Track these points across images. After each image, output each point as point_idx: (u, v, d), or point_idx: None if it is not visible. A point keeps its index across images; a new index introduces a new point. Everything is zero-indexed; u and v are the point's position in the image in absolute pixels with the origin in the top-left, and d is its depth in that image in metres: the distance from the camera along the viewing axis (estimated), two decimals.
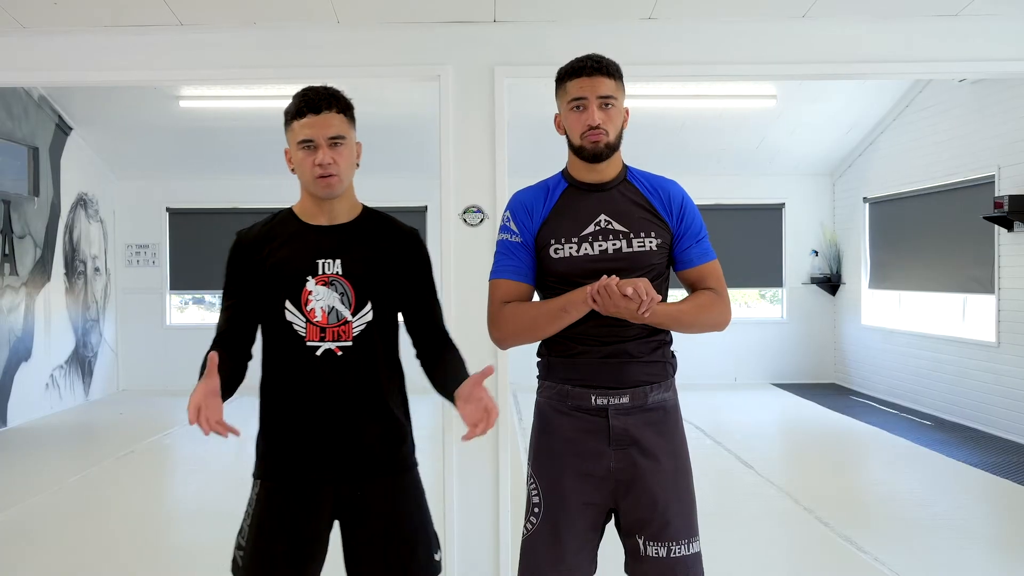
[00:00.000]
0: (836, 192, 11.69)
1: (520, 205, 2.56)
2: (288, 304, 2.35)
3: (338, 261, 2.38)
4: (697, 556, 2.44)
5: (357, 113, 2.57)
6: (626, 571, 2.50)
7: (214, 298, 12.45)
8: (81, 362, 10.44)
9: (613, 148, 2.48)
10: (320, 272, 2.36)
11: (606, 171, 2.51)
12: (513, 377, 4.36)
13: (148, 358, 11.23)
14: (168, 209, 11.51)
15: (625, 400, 2.41)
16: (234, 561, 2.37)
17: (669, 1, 3.94)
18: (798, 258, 11.78)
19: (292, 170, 2.42)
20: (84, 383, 10.48)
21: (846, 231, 11.40)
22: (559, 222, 2.50)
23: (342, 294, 2.38)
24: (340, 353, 2.35)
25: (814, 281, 11.67)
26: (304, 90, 2.40)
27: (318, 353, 2.33)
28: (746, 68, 4.18)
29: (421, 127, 9.62)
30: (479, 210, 4.07)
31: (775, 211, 11.81)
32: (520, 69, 4.12)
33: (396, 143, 10.25)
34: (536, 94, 9.02)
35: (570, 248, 2.45)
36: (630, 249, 2.44)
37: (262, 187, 11.21)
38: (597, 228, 2.46)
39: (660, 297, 2.33)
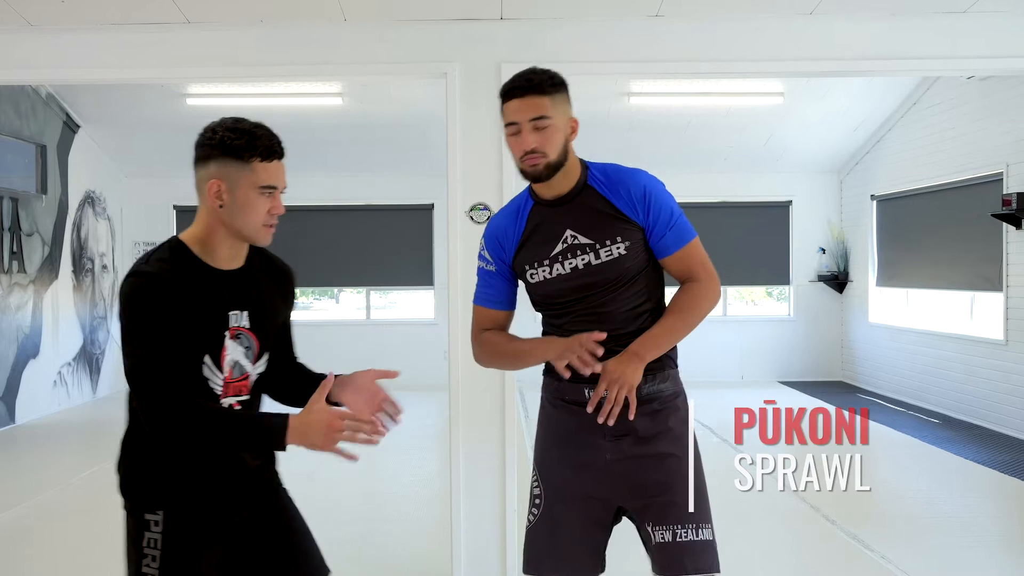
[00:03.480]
0: (843, 190, 11.66)
1: (492, 236, 2.54)
2: (207, 359, 2.17)
3: (245, 313, 2.25)
4: (708, 544, 2.39)
5: (364, 112, 2.53)
6: (653, 571, 2.45)
7: None
8: (89, 359, 10.46)
9: (555, 167, 2.39)
10: (232, 324, 2.22)
11: (561, 185, 2.44)
12: (520, 375, 4.37)
13: None
14: (176, 207, 11.49)
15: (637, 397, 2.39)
16: None
17: None
18: (805, 256, 11.75)
19: (221, 206, 2.20)
20: (92, 380, 10.51)
21: (853, 229, 11.37)
22: (530, 248, 2.48)
23: (247, 348, 2.26)
24: (239, 408, 2.25)
25: (821, 279, 11.64)
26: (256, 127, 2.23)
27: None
28: (753, 65, 4.17)
29: (427, 125, 9.63)
30: (486, 207, 4.07)
31: (782, 209, 11.78)
32: (527, 66, 4.10)
33: (402, 141, 10.25)
34: None
35: (543, 271, 2.44)
36: (599, 261, 2.40)
37: None
38: (565, 246, 2.43)
39: (629, 366, 2.30)
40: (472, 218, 4.09)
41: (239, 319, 2.22)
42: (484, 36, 4.09)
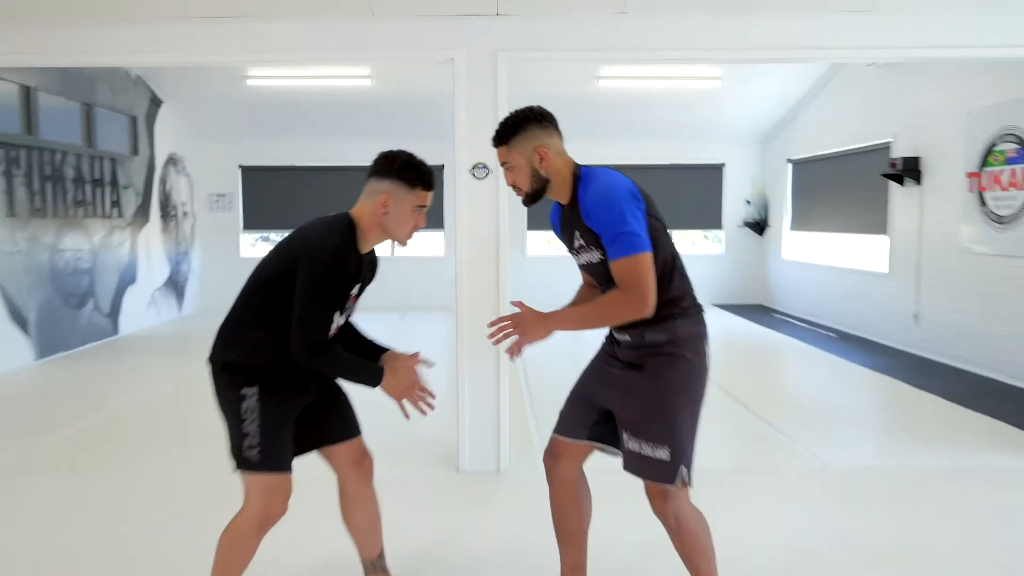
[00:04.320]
0: (765, 154, 11.59)
1: (551, 220, 2.57)
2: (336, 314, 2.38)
3: (359, 286, 2.43)
4: (663, 464, 2.25)
5: (388, 91, 2.58)
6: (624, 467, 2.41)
7: (278, 236, 12.38)
8: (175, 285, 10.46)
9: (533, 194, 2.37)
10: (352, 293, 2.40)
11: (561, 196, 2.39)
12: (513, 297, 4.37)
13: (226, 282, 11.09)
14: (240, 166, 11.41)
15: (627, 338, 2.35)
16: (246, 460, 2.31)
17: None
18: (734, 206, 11.71)
19: (385, 213, 2.35)
20: (178, 301, 10.53)
21: (773, 185, 11.33)
22: (564, 237, 2.48)
23: (348, 309, 2.45)
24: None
25: (747, 225, 11.63)
26: (424, 164, 2.42)
27: None
28: (697, 53, 4.11)
29: (438, 100, 9.50)
30: (484, 166, 4.03)
31: (716, 170, 11.71)
32: (518, 54, 4.05)
33: (418, 114, 10.13)
34: (529, 74, 8.88)
35: (574, 256, 2.44)
36: (594, 261, 2.33)
37: (312, 148, 11.20)
38: (577, 243, 2.37)
39: (522, 321, 2.27)
40: (473, 175, 4.05)
41: (355, 290, 2.41)
42: (483, 29, 4.01)
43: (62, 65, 4.31)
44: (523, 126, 2.36)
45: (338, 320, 2.39)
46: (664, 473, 2.27)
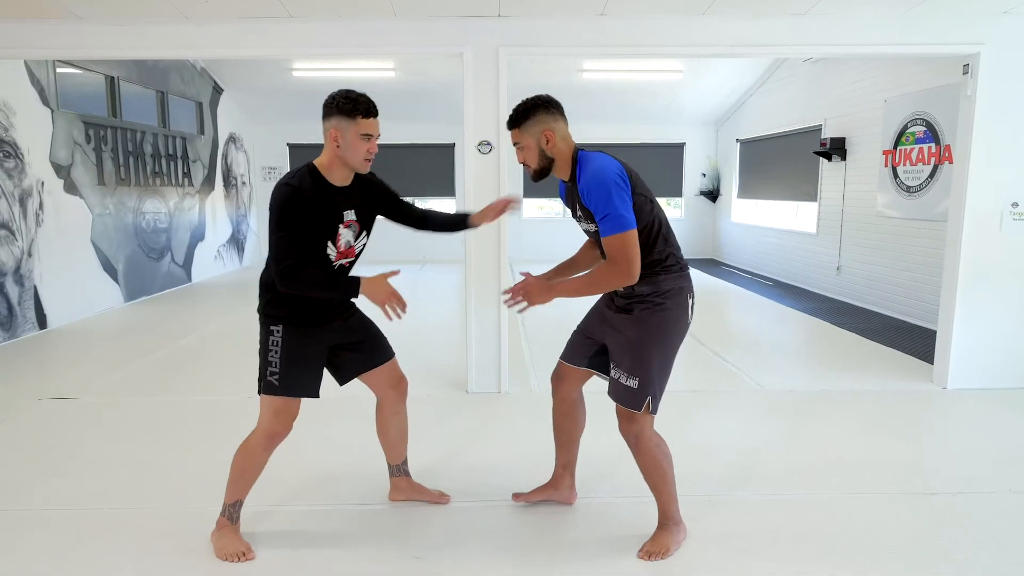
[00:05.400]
0: (719, 135, 11.43)
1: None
2: (329, 242, 2.22)
3: (352, 211, 2.26)
4: (633, 391, 2.21)
5: (409, 80, 2.45)
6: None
7: None
8: (236, 242, 10.39)
9: (539, 172, 2.26)
10: (345, 219, 2.25)
11: (563, 174, 2.29)
12: (511, 252, 4.33)
13: None
14: (288, 143, 11.25)
15: (620, 290, 2.28)
16: (269, 384, 2.24)
17: (616, 2, 3.73)
18: (692, 178, 11.60)
19: (337, 146, 2.19)
20: (239, 255, 10.46)
21: (724, 161, 11.20)
22: (567, 205, 2.39)
23: (354, 232, 2.29)
24: (348, 266, 2.33)
25: (702, 193, 11.54)
26: (360, 96, 2.19)
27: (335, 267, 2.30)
28: (664, 49, 3.99)
29: (450, 89, 9.34)
30: (488, 143, 3.96)
31: (678, 147, 11.56)
32: (517, 50, 3.94)
33: (434, 100, 9.95)
34: (525, 67, 8.70)
35: (577, 221, 2.33)
36: (590, 230, 2.26)
37: None
38: (578, 214, 2.29)
39: (535, 290, 2.19)
40: (479, 150, 3.98)
41: (349, 215, 2.25)
42: (487, 28, 3.89)
43: (139, 58, 4.19)
44: (534, 112, 2.23)
45: (349, 243, 2.27)
46: (632, 400, 2.23)
